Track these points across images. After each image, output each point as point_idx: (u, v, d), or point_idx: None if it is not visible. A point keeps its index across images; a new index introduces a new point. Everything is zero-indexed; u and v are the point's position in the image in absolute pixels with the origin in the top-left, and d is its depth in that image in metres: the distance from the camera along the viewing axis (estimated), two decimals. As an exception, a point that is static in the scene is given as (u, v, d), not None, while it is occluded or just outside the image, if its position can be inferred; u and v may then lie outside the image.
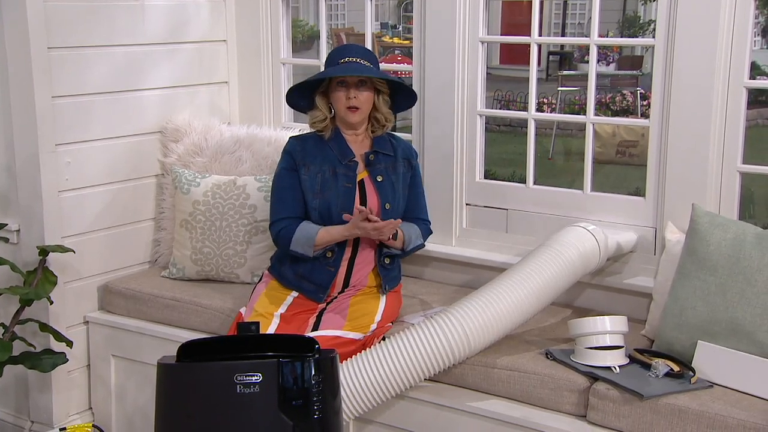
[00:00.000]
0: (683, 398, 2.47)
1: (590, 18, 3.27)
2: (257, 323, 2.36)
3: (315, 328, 2.86)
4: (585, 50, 11.75)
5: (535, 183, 3.37)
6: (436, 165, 3.43)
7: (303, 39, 14.49)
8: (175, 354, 2.24)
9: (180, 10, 3.65)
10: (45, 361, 3.09)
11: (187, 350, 2.25)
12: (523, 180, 3.38)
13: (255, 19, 3.82)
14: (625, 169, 7.96)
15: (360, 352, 2.74)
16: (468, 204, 3.45)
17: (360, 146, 3.03)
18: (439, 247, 3.42)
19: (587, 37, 3.18)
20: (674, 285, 2.72)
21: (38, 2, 3.10)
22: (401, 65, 8.97)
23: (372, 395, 2.66)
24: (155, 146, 3.63)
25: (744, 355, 2.54)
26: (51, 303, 3.17)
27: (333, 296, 3.00)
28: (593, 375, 2.62)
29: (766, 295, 2.53)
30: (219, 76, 3.86)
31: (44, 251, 3.12)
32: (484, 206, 3.43)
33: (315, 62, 3.79)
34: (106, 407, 3.48)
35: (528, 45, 3.32)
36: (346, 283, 3.01)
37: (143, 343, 3.34)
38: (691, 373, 2.56)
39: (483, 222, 3.43)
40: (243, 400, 2.14)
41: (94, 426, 3.35)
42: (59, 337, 3.11)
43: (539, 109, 7.99)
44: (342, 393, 2.55)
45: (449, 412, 2.74)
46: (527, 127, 3.39)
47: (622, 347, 2.67)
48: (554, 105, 9.83)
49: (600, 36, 3.20)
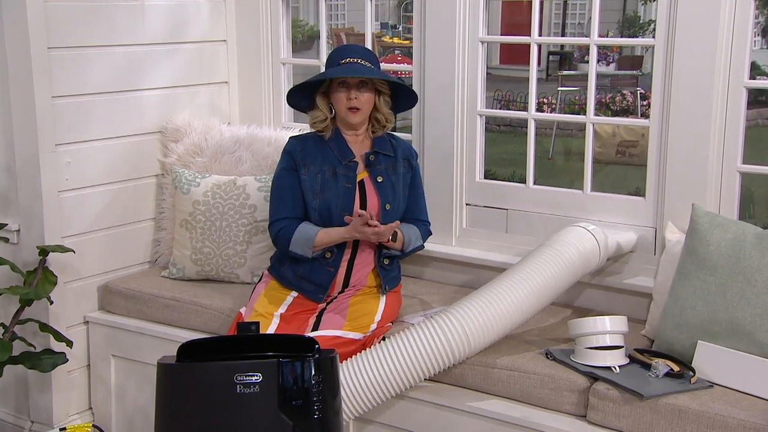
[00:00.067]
0: (683, 398, 2.47)
1: (590, 18, 3.27)
2: (257, 323, 2.36)
3: (315, 328, 2.86)
4: (585, 50, 11.75)
5: (535, 183, 3.36)
6: (436, 165, 3.43)
7: (303, 39, 14.49)
8: (175, 354, 2.24)
9: (180, 10, 3.65)
10: (45, 361, 3.09)
11: (187, 350, 2.25)
12: (523, 180, 3.38)
13: (255, 19, 3.82)
14: (625, 169, 7.96)
15: (360, 352, 2.74)
16: (468, 204, 3.45)
17: (360, 146, 3.03)
18: (439, 247, 3.42)
19: (587, 37, 3.18)
20: (674, 285, 2.72)
21: (38, 2, 3.10)
22: (401, 65, 8.98)
23: (372, 395, 2.65)
24: (155, 146, 3.63)
25: (744, 355, 2.54)
26: (51, 303, 3.17)
27: (333, 296, 2.99)
28: (593, 375, 2.61)
29: (766, 295, 2.53)
30: (219, 76, 3.86)
31: (44, 251, 3.12)
32: (484, 206, 3.42)
33: (315, 62, 3.79)
34: (106, 407, 3.48)
35: (528, 45, 3.32)
36: (346, 284, 3.01)
37: (143, 343, 3.34)
38: (691, 373, 2.56)
39: (483, 222, 3.43)
40: (243, 400, 2.14)
41: (94, 426, 3.35)
42: (59, 337, 3.11)
43: (539, 109, 7.99)
44: (342, 393, 2.55)
45: (449, 412, 2.74)
46: (527, 127, 3.39)
47: (622, 347, 2.67)
48: (554, 105, 9.83)
49: (600, 36, 3.20)
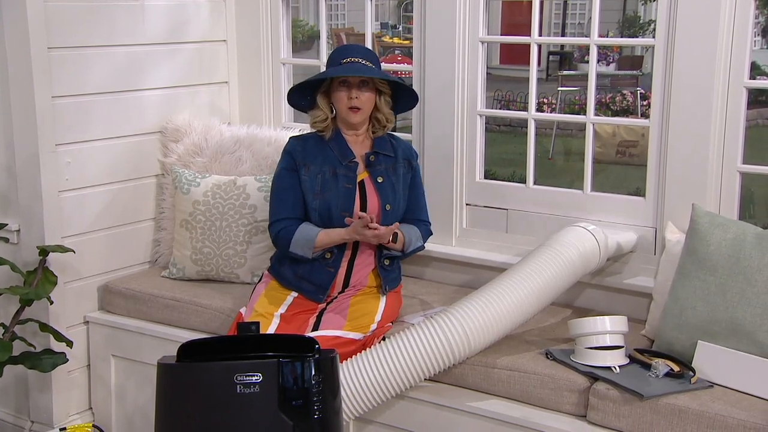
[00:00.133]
0: (683, 398, 2.47)
1: (590, 18, 3.27)
2: (257, 323, 2.36)
3: (315, 328, 2.86)
4: (585, 50, 11.75)
5: (535, 183, 3.36)
6: (436, 165, 3.43)
7: (303, 39, 14.49)
8: (175, 354, 2.24)
9: (180, 10, 3.65)
10: (45, 361, 3.09)
11: (187, 350, 2.25)
12: (523, 180, 3.38)
13: (255, 19, 3.82)
14: (625, 169, 7.96)
15: (360, 352, 2.74)
16: (468, 204, 3.45)
17: (360, 147, 3.03)
18: (439, 247, 3.42)
19: (587, 37, 3.18)
20: (674, 285, 2.72)
21: (38, 2, 3.10)
22: (401, 65, 8.98)
23: (372, 395, 2.65)
24: (155, 146, 3.63)
25: (744, 355, 2.54)
26: (51, 303, 3.17)
27: (333, 296, 2.99)
28: (593, 375, 2.61)
29: (766, 295, 2.53)
30: (219, 76, 3.86)
31: (44, 251, 3.12)
32: (484, 206, 3.42)
33: (315, 62, 3.79)
34: (106, 407, 3.48)
35: (528, 45, 3.32)
36: (346, 284, 3.00)
37: (143, 343, 3.34)
38: (691, 373, 2.56)
39: (483, 222, 3.43)
40: (243, 400, 2.14)
41: (94, 426, 3.35)
42: (59, 337, 3.11)
43: (539, 109, 7.98)
44: (342, 393, 2.55)
45: (449, 412, 2.74)
46: (527, 127, 3.39)
47: (622, 347, 2.67)
48: (554, 105, 9.82)
49: (600, 36, 3.20)
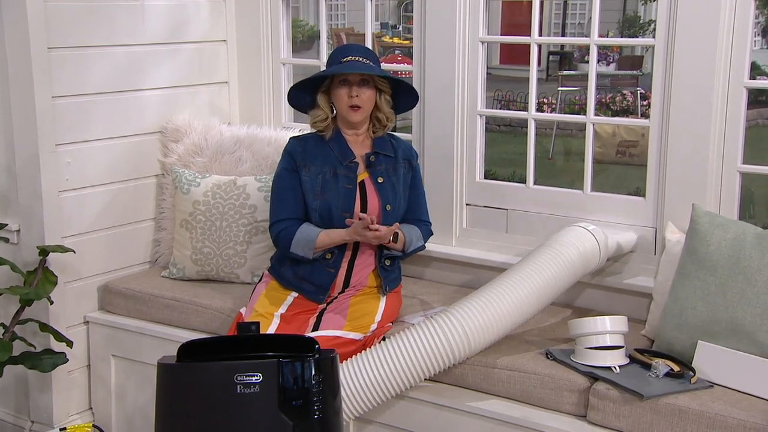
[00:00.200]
0: (683, 398, 2.47)
1: (590, 18, 3.28)
2: (257, 323, 2.36)
3: (315, 328, 2.86)
4: (585, 50, 11.75)
5: (535, 183, 3.36)
6: (436, 165, 3.43)
7: (303, 39, 14.49)
8: (175, 354, 2.24)
9: (180, 10, 3.65)
10: (45, 361, 3.09)
11: (187, 350, 2.25)
12: (523, 180, 3.38)
13: (255, 19, 3.82)
14: (625, 169, 7.96)
15: (360, 352, 2.74)
16: (468, 204, 3.45)
17: (361, 147, 3.03)
18: (440, 247, 3.42)
19: (587, 37, 3.18)
20: (674, 285, 2.72)
21: (38, 2, 3.10)
22: (401, 65, 8.96)
23: (372, 395, 2.65)
24: (155, 146, 3.63)
25: (744, 355, 2.54)
26: (51, 303, 3.17)
27: (333, 296, 2.99)
28: (593, 375, 2.61)
29: (766, 295, 2.53)
30: (219, 76, 3.86)
31: (44, 251, 3.12)
32: (484, 206, 3.42)
33: (315, 62, 3.79)
34: (106, 407, 3.48)
35: (528, 45, 3.32)
36: (346, 284, 3.00)
37: (143, 343, 3.34)
38: (691, 373, 2.56)
39: (483, 222, 3.43)
40: (243, 400, 2.14)
41: (94, 426, 3.35)
42: (59, 337, 3.11)
43: (539, 109, 7.98)
44: (342, 393, 2.55)
45: (449, 412, 2.74)
46: (527, 127, 3.39)
47: (622, 347, 2.67)
48: (554, 105, 9.82)
49: (600, 36, 3.20)
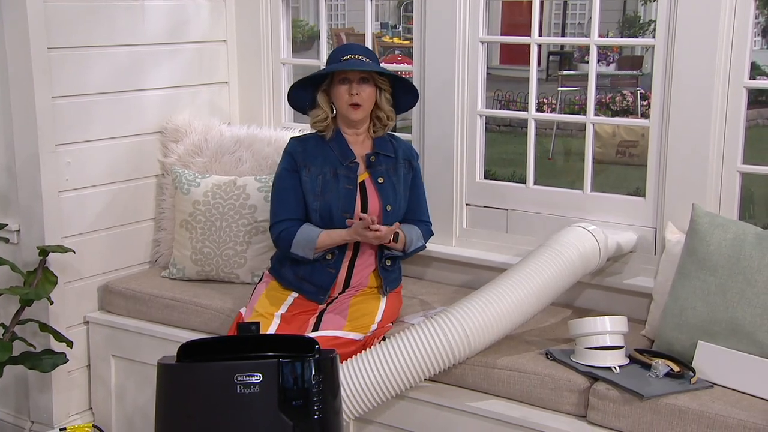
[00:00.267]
0: (683, 398, 2.47)
1: (590, 18, 3.27)
2: (257, 323, 2.36)
3: (315, 329, 2.86)
4: (585, 50, 11.74)
5: (535, 183, 3.37)
6: (436, 165, 3.43)
7: (303, 39, 14.49)
8: (175, 354, 2.24)
9: (180, 10, 3.65)
10: (45, 361, 3.09)
11: (187, 350, 2.25)
12: (523, 180, 3.38)
13: (255, 19, 3.82)
14: (625, 169, 7.96)
15: (360, 353, 2.74)
16: (468, 204, 3.45)
17: (361, 147, 3.03)
18: (440, 248, 3.42)
19: (587, 37, 3.18)
20: (674, 285, 2.72)
21: (38, 2, 3.10)
22: (401, 65, 8.95)
23: (372, 395, 2.65)
24: (155, 146, 3.63)
25: (744, 355, 2.54)
26: (51, 303, 3.17)
27: (333, 297, 2.99)
28: (593, 375, 2.61)
29: (766, 295, 2.53)
30: (219, 76, 3.86)
31: (44, 251, 3.12)
32: (484, 206, 3.42)
33: (315, 62, 3.79)
34: (106, 407, 3.48)
35: (528, 45, 3.32)
36: (347, 285, 3.00)
37: (143, 343, 3.34)
38: (691, 373, 2.56)
39: (483, 222, 3.43)
40: (243, 400, 2.14)
41: (94, 426, 3.35)
42: (59, 337, 3.11)
43: (539, 109, 7.99)
44: (342, 393, 2.55)
45: (449, 412, 2.74)
46: (527, 127, 3.39)
47: (622, 347, 2.67)
48: (554, 105, 9.82)
49: (600, 36, 3.20)
